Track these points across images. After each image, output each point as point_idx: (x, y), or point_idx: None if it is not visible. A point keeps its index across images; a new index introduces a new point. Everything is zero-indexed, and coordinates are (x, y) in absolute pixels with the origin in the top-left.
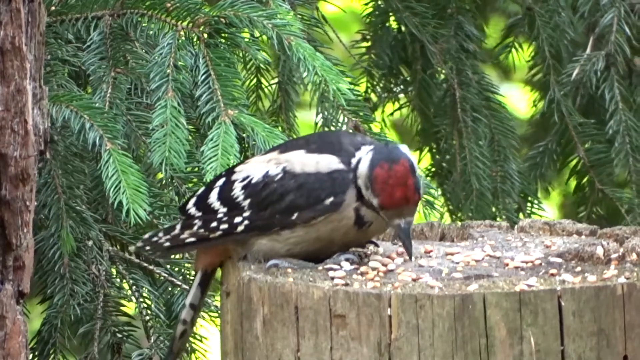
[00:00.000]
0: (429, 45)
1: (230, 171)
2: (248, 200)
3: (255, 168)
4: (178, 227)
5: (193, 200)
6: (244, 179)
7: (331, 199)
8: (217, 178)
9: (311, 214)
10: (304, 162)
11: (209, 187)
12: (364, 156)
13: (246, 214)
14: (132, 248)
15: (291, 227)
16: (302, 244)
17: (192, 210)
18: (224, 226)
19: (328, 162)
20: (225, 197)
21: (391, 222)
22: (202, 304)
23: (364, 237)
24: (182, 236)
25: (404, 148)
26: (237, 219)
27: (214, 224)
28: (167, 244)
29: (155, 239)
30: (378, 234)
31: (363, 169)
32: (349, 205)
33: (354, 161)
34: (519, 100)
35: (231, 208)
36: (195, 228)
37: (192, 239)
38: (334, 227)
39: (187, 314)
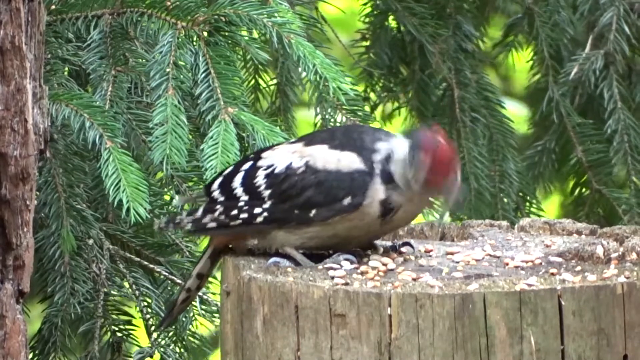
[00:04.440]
0: (428, 46)
1: (257, 155)
2: (269, 191)
3: (280, 157)
4: (200, 210)
5: (219, 180)
6: (267, 167)
7: (349, 199)
8: (244, 160)
9: (328, 213)
10: (326, 158)
11: (236, 168)
12: (412, 134)
13: (266, 205)
14: (155, 226)
15: (308, 223)
16: (317, 239)
17: (216, 194)
18: (244, 215)
19: (350, 161)
20: (248, 183)
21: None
22: (210, 274)
23: (386, 230)
24: (204, 220)
25: None
26: (257, 210)
27: (235, 212)
28: (189, 226)
29: (178, 220)
30: (402, 225)
31: (413, 139)
32: (372, 203)
33: (379, 153)
34: (517, 107)
35: (252, 197)
36: (216, 214)
37: (213, 224)
38: (354, 225)
39: (192, 283)
